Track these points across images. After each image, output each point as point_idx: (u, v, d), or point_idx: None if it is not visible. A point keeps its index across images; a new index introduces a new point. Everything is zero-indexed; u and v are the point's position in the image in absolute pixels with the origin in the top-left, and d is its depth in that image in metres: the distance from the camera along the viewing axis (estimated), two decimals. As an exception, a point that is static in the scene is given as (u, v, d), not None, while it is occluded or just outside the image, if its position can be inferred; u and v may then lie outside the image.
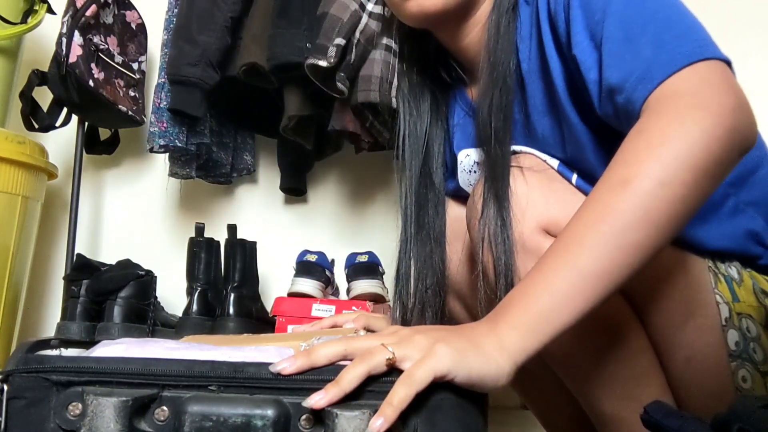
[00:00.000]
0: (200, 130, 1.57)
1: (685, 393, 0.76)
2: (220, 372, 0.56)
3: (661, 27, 0.66)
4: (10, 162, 1.42)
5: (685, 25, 0.67)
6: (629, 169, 0.58)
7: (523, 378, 0.96)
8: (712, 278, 0.76)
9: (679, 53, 0.64)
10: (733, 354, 0.74)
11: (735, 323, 0.74)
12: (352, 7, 1.29)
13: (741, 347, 0.74)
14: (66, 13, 1.49)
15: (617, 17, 0.69)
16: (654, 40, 0.66)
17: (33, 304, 1.76)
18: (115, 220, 1.86)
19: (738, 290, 0.75)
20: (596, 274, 0.57)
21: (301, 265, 1.50)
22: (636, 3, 0.69)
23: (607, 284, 0.57)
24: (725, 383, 0.74)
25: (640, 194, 0.57)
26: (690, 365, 0.75)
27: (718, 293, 0.75)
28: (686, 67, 0.62)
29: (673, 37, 0.65)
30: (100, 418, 0.53)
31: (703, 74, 0.62)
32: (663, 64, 0.64)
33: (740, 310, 0.75)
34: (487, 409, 0.58)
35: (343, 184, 1.82)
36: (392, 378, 0.54)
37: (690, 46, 0.64)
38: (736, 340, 0.74)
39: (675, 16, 0.68)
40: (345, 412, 0.51)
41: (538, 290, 0.58)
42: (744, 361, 0.74)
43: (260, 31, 1.42)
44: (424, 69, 0.96)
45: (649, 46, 0.65)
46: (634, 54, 0.66)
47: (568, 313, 0.57)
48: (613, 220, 0.57)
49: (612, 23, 0.69)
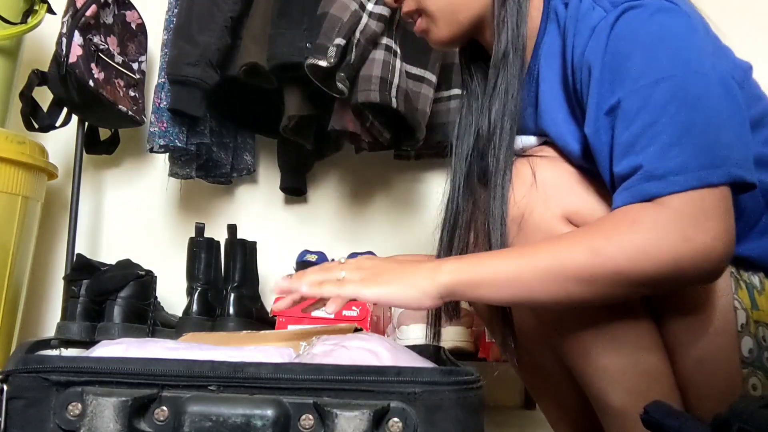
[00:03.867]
0: (200, 130, 1.57)
1: (693, 395, 0.76)
2: (219, 372, 0.56)
3: (684, 128, 0.67)
4: (10, 162, 1.42)
5: (709, 135, 0.67)
6: (608, 247, 0.67)
7: (532, 371, 0.97)
8: (734, 284, 0.76)
9: (691, 172, 0.66)
10: (745, 361, 0.74)
11: (751, 330, 0.75)
12: (352, 7, 1.29)
13: (755, 355, 0.74)
14: (66, 13, 1.49)
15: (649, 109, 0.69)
16: (671, 141, 0.67)
17: (33, 304, 1.76)
18: (115, 220, 1.86)
19: (758, 298, 0.76)
20: (526, 284, 0.70)
21: (301, 265, 1.50)
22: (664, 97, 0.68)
23: (526, 296, 0.70)
24: (735, 389, 0.74)
25: (598, 269, 0.67)
26: (701, 367, 0.75)
27: (737, 299, 0.75)
28: (702, 189, 0.66)
29: (692, 145, 0.66)
30: (100, 418, 0.53)
31: (701, 205, 0.66)
32: (672, 179, 0.66)
33: (758, 318, 0.75)
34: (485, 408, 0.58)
35: (343, 184, 1.82)
36: (391, 378, 0.54)
37: (702, 168, 0.66)
38: (750, 347, 0.74)
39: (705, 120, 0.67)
40: (345, 412, 0.51)
41: (489, 263, 0.71)
42: (756, 369, 0.74)
43: (260, 31, 1.42)
44: (473, 65, 0.95)
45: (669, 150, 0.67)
46: (647, 150, 0.68)
47: (493, 291, 0.71)
48: (570, 269, 0.68)
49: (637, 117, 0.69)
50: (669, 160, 0.66)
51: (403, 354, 0.67)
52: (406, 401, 0.54)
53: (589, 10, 0.74)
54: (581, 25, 0.74)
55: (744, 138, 0.70)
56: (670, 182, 0.66)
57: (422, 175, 1.77)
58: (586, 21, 0.74)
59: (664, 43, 0.69)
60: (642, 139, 0.68)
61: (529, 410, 1.59)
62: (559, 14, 0.79)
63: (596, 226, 0.70)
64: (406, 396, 0.54)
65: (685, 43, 0.69)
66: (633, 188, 0.68)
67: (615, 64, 0.70)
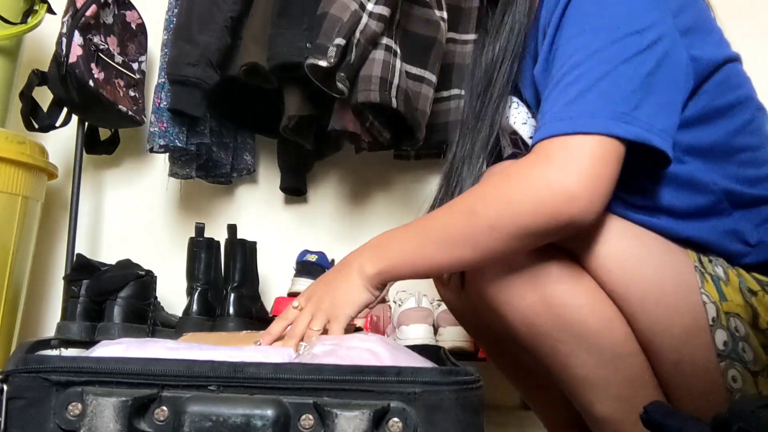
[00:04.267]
0: (200, 130, 1.57)
1: (675, 395, 0.76)
2: (219, 372, 0.56)
3: (592, 78, 0.70)
4: (10, 162, 1.42)
5: (613, 86, 0.70)
6: (482, 204, 0.72)
7: (525, 377, 0.97)
8: (699, 278, 0.75)
9: (582, 117, 0.69)
10: (721, 354, 0.73)
11: (723, 323, 0.74)
12: (352, 7, 1.29)
13: (730, 347, 0.73)
14: (66, 13, 1.49)
15: (567, 52, 0.73)
16: (577, 92, 0.70)
17: (33, 304, 1.76)
18: (115, 220, 1.86)
19: (725, 289, 0.75)
20: (430, 257, 0.76)
21: (301, 265, 1.50)
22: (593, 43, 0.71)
23: (435, 266, 0.78)
24: (715, 384, 0.74)
25: (475, 228, 0.72)
26: (679, 368, 0.75)
27: (704, 293, 0.74)
28: (578, 135, 0.68)
29: (594, 95, 0.69)
30: (100, 418, 0.53)
31: (580, 152, 0.68)
32: (562, 121, 0.70)
33: (728, 309, 0.74)
34: (485, 408, 0.58)
35: (343, 184, 1.82)
36: (391, 378, 0.55)
37: (597, 116, 0.68)
38: (725, 339, 0.73)
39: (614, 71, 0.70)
40: (345, 412, 0.51)
41: (397, 246, 0.79)
42: (733, 360, 0.73)
43: (260, 31, 1.42)
44: None
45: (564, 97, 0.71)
46: (555, 97, 0.72)
47: (409, 268, 0.78)
48: (454, 234, 0.74)
49: (560, 59, 0.73)
50: (573, 106, 0.70)
51: (403, 354, 0.67)
52: (406, 401, 0.54)
53: None
54: None
55: (668, 114, 0.72)
56: (553, 127, 0.70)
57: (422, 175, 1.77)
58: None
59: (620, 1, 0.72)
60: (560, 84, 0.71)
61: (529, 410, 1.59)
62: None
63: (480, 186, 0.76)
64: (406, 396, 0.54)
65: (642, 5, 0.72)
66: (538, 131, 0.72)
67: (569, 14, 0.74)
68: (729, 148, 0.79)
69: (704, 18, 0.80)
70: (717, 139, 0.79)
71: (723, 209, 0.79)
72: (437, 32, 1.44)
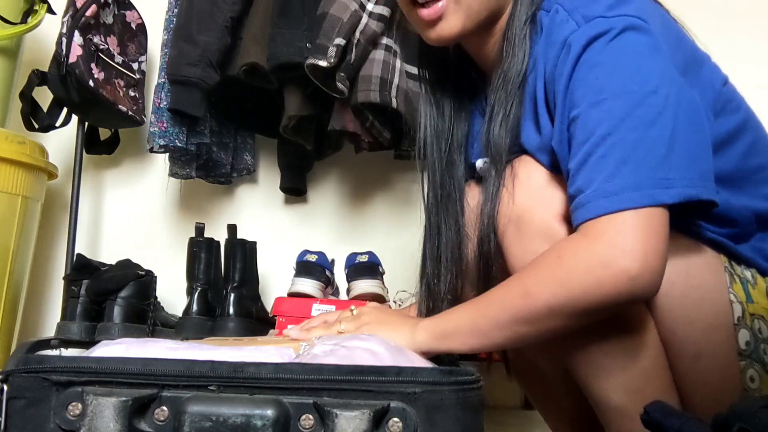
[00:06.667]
0: (200, 130, 1.57)
1: (691, 390, 0.77)
2: (220, 372, 0.56)
3: (625, 148, 0.69)
4: (10, 162, 1.42)
5: (651, 153, 0.69)
6: (536, 285, 0.71)
7: (529, 375, 0.97)
8: (728, 278, 0.77)
9: (626, 192, 0.67)
10: (743, 353, 0.75)
11: (747, 323, 0.75)
12: (352, 7, 1.29)
13: (752, 347, 0.75)
14: (66, 13, 1.49)
15: (591, 120, 0.71)
16: (614, 165, 0.69)
17: (33, 304, 1.76)
18: (115, 220, 1.85)
19: (752, 291, 0.76)
20: (484, 332, 0.75)
21: (301, 265, 1.50)
22: (616, 114, 0.70)
23: (488, 343, 0.76)
24: (733, 382, 0.75)
25: (532, 309, 0.71)
26: (699, 362, 0.76)
27: (732, 292, 0.76)
28: (625, 211, 0.67)
29: (632, 167, 0.68)
30: (100, 418, 0.53)
31: (630, 229, 0.67)
32: (607, 198, 0.68)
33: (753, 311, 0.76)
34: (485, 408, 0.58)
35: (343, 184, 1.82)
36: (391, 378, 0.55)
37: (640, 188, 0.67)
38: (747, 339, 0.75)
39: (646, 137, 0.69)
40: (345, 412, 0.51)
41: (453, 317, 0.77)
42: (753, 361, 0.75)
43: (260, 31, 1.42)
44: (445, 72, 0.96)
45: (601, 172, 0.70)
46: (590, 171, 0.70)
47: (460, 342, 0.76)
48: (511, 313, 0.73)
49: (583, 126, 0.72)
50: (614, 180, 0.68)
51: (403, 354, 0.67)
52: (406, 401, 0.54)
53: (563, 22, 0.76)
54: (554, 37, 0.76)
55: (701, 157, 0.71)
56: (598, 206, 0.68)
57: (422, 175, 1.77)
58: (558, 33, 0.76)
59: (625, 62, 0.71)
60: (593, 157, 0.70)
61: (529, 410, 1.59)
62: (543, 24, 0.80)
63: (532, 265, 0.74)
64: (406, 396, 0.54)
65: (647, 62, 0.71)
66: (575, 212, 0.71)
67: (578, 81, 0.73)
68: (745, 171, 0.80)
69: (692, 50, 0.80)
70: (733, 164, 0.80)
71: (752, 231, 0.81)
72: (437, 32, 1.44)
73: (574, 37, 0.73)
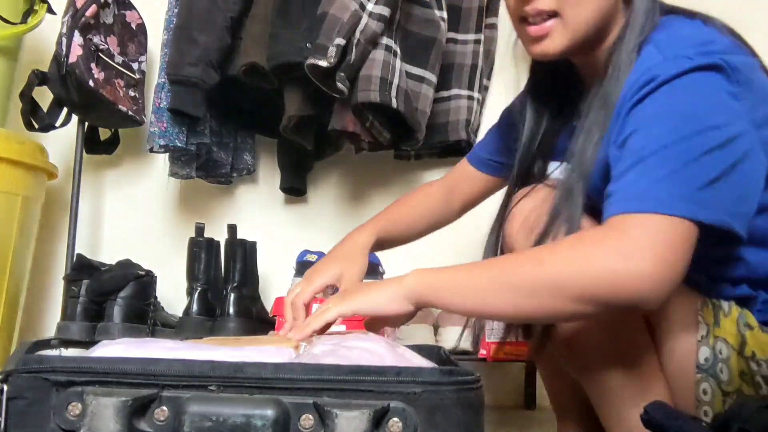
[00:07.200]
0: (200, 130, 1.57)
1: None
2: (219, 372, 0.56)
3: (678, 163, 0.70)
4: (10, 162, 1.42)
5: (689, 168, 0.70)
6: (551, 257, 0.72)
7: (550, 367, 0.99)
8: (701, 303, 0.80)
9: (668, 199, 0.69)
10: (700, 367, 0.78)
11: (710, 343, 0.78)
12: (352, 7, 1.29)
13: (710, 363, 0.78)
14: (66, 13, 1.49)
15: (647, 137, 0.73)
16: (665, 173, 0.70)
17: (33, 304, 1.76)
18: (115, 220, 1.85)
19: (723, 320, 0.79)
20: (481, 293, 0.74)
21: (301, 265, 1.50)
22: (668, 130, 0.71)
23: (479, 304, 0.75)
24: (688, 391, 0.79)
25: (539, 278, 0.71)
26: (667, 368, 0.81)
27: (701, 314, 0.80)
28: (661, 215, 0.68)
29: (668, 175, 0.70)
30: (100, 418, 0.53)
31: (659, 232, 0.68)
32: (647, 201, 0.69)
33: (718, 334, 0.78)
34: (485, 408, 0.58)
35: (343, 184, 1.82)
36: (391, 378, 0.55)
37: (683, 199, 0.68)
38: (707, 356, 0.78)
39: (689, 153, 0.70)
40: (345, 412, 0.51)
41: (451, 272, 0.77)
42: (709, 376, 0.78)
43: (260, 31, 1.42)
44: (552, 80, 0.97)
45: (649, 176, 0.71)
46: (638, 174, 0.71)
47: (451, 296, 0.76)
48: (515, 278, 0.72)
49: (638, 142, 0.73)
50: (661, 185, 0.69)
51: (403, 354, 0.67)
52: (406, 401, 0.54)
53: (650, 54, 0.77)
54: (640, 65, 0.77)
55: (747, 201, 0.73)
56: (634, 204, 0.69)
57: (422, 175, 1.77)
58: (643, 61, 0.77)
59: (702, 95, 0.73)
60: (643, 162, 0.71)
61: (529, 410, 1.59)
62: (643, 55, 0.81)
63: (551, 243, 0.76)
64: (406, 396, 0.54)
65: (723, 99, 0.73)
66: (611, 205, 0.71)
67: (647, 102, 0.74)
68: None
69: (753, 71, 0.80)
70: None
71: None
72: (437, 32, 1.45)
73: (657, 70, 0.74)
